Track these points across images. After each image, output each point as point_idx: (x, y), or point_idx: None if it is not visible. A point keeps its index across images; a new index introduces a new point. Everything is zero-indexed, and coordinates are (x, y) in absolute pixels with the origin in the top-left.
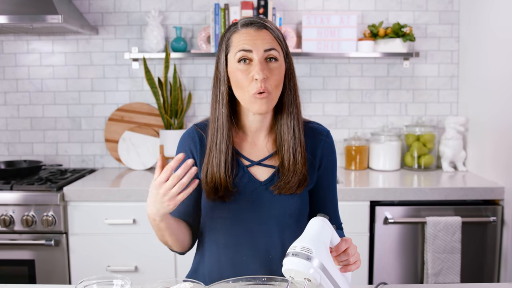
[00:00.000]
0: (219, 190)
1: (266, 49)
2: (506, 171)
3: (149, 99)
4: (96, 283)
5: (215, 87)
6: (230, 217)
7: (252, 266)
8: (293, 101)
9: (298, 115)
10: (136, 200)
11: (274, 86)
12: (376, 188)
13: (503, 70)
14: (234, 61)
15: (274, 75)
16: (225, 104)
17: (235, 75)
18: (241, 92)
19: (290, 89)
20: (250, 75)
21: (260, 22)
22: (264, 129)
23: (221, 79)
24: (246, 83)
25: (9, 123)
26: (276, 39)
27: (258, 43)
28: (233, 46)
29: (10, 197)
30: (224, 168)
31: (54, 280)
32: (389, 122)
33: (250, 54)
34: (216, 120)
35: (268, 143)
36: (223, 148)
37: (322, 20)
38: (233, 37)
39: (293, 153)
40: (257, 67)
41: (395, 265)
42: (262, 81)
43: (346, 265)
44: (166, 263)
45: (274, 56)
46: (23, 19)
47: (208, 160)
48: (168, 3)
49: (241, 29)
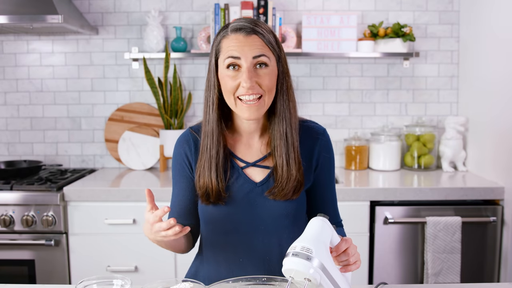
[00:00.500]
0: (210, 196)
1: (255, 56)
2: (506, 171)
3: (149, 99)
4: (96, 283)
5: (206, 91)
6: (227, 218)
7: (250, 267)
8: (286, 106)
9: (291, 119)
10: (136, 200)
11: (265, 91)
12: (376, 188)
13: (503, 70)
14: (223, 67)
15: (264, 80)
16: (215, 108)
17: (224, 80)
18: (229, 97)
19: (283, 94)
20: (237, 82)
21: (249, 27)
22: (258, 130)
23: (211, 83)
24: (233, 89)
25: (9, 123)
26: (266, 45)
27: (247, 49)
28: (223, 51)
29: (10, 197)
30: (215, 173)
31: (54, 280)
32: (389, 122)
33: (239, 61)
34: (207, 125)
35: (263, 145)
36: (213, 153)
37: (322, 20)
38: (222, 42)
39: (286, 159)
40: (244, 74)
41: (395, 265)
42: (249, 88)
43: (346, 265)
44: (166, 263)
45: (263, 62)
46: (23, 19)
47: (200, 164)
48: (168, 3)
49: (231, 34)
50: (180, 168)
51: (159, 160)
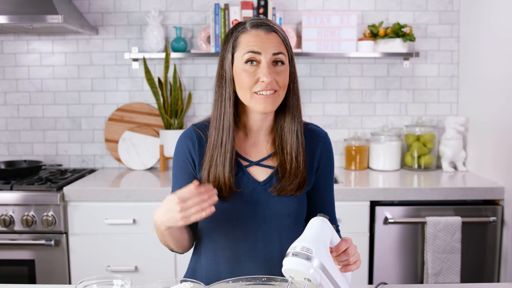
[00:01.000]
0: (223, 190)
1: (275, 53)
2: (506, 171)
3: (149, 99)
4: (96, 283)
5: (220, 86)
6: (228, 217)
7: (250, 266)
8: (296, 105)
9: (300, 118)
10: (136, 200)
11: (281, 88)
12: (376, 188)
13: (503, 70)
14: (241, 61)
15: (280, 77)
16: (232, 103)
17: (241, 75)
18: (245, 92)
19: (294, 93)
20: (256, 77)
21: (269, 25)
22: (265, 129)
23: (227, 78)
24: (251, 84)
25: (9, 123)
26: (283, 43)
27: (268, 45)
28: (241, 46)
29: (10, 197)
30: (228, 168)
31: (54, 280)
32: (389, 122)
33: (259, 56)
34: (221, 119)
35: (268, 144)
36: (228, 148)
37: (322, 20)
38: (241, 37)
39: (295, 156)
40: (264, 69)
41: (395, 265)
42: (268, 83)
43: (346, 265)
44: (166, 263)
45: (281, 60)
46: (23, 19)
47: (212, 159)
48: (168, 3)
49: (251, 30)
50: (183, 165)
51: (159, 160)
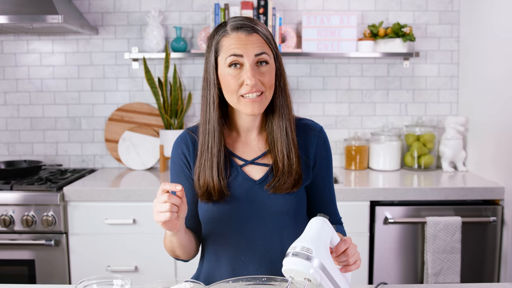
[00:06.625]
0: (212, 195)
1: (257, 54)
2: (506, 171)
3: (149, 99)
4: (96, 283)
5: (205, 89)
6: (227, 217)
7: (251, 266)
8: (284, 102)
9: (289, 115)
10: (136, 200)
11: (267, 88)
12: (376, 188)
13: (503, 70)
14: (224, 65)
15: (265, 77)
16: (216, 107)
17: (226, 79)
18: (232, 95)
19: (281, 90)
20: (241, 80)
21: (250, 26)
22: (255, 128)
23: (211, 81)
24: (236, 88)
25: (9, 123)
26: (266, 42)
27: (249, 47)
28: (223, 50)
29: (10, 197)
30: (217, 171)
31: (54, 280)
32: (389, 122)
33: (241, 59)
34: (207, 123)
35: (260, 142)
36: (214, 151)
37: (322, 20)
38: (223, 40)
39: (286, 154)
40: (248, 72)
41: (395, 265)
42: (253, 86)
43: (346, 265)
44: (166, 263)
45: (265, 60)
46: (23, 19)
47: (200, 163)
48: (168, 3)
49: (231, 33)
50: (179, 169)
51: (159, 160)
